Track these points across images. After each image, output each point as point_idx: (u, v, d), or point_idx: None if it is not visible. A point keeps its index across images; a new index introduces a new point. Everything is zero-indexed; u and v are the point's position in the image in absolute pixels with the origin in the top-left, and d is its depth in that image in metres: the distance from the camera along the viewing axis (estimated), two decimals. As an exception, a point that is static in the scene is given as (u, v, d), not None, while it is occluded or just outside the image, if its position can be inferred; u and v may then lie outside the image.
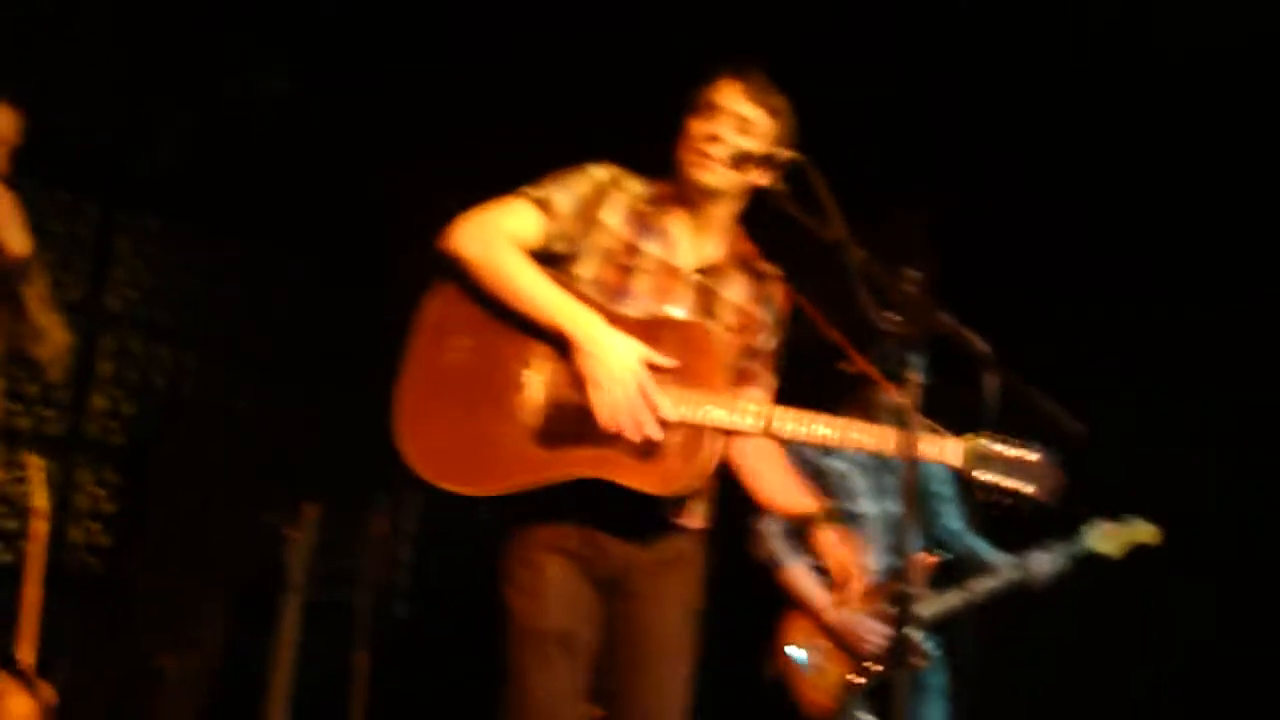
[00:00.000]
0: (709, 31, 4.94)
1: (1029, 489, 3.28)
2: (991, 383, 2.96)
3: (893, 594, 3.15)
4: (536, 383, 3.39)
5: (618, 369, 3.35)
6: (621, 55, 5.96)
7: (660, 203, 3.64)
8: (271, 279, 6.82)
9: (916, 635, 5.09)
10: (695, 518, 3.61)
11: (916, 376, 3.00)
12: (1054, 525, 5.19)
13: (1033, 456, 3.29)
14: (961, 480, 4.09)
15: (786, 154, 3.43)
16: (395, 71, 6.60)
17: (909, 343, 3.01)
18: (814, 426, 3.40)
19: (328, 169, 6.75)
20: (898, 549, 5.24)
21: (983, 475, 3.31)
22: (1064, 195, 6.25)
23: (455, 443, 3.39)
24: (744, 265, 3.69)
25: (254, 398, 6.76)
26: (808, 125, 3.64)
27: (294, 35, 6.45)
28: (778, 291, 3.70)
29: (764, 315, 3.70)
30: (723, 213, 3.65)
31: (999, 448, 3.30)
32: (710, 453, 3.36)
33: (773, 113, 3.58)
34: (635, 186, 3.65)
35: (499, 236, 3.49)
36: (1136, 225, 6.15)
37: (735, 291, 3.65)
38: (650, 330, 3.44)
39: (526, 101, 6.47)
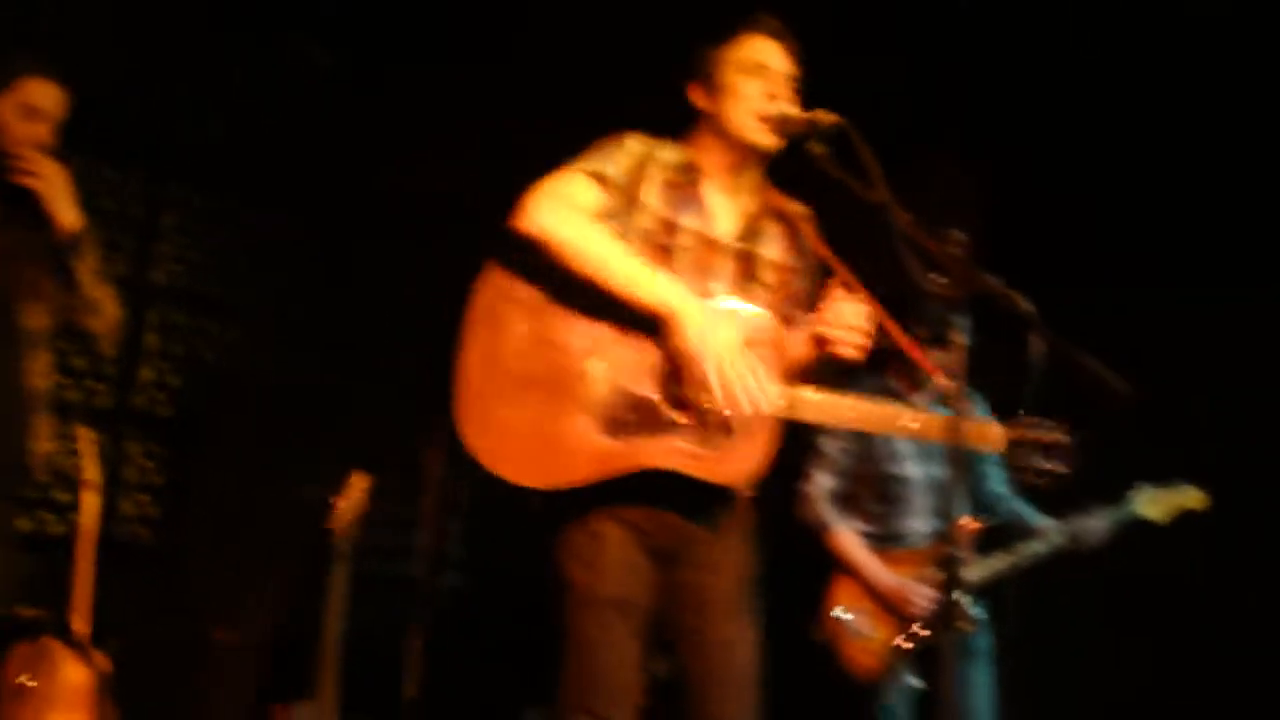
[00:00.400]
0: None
1: (1062, 469, 3.36)
2: (1037, 344, 2.95)
3: (939, 558, 3.14)
4: (600, 372, 3.38)
5: (725, 346, 3.34)
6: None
7: (691, 171, 3.63)
8: (317, 252, 6.84)
9: (962, 600, 5.10)
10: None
11: (961, 338, 2.99)
12: (1101, 490, 5.18)
13: (1064, 439, 3.36)
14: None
15: (829, 118, 3.42)
16: (440, 50, 6.61)
17: (954, 304, 3.01)
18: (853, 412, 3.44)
19: (372, 142, 6.77)
20: (943, 513, 5.24)
21: (1019, 460, 3.37)
22: (1116, 156, 6.20)
23: (521, 436, 3.36)
24: (776, 215, 3.69)
25: (301, 370, 6.79)
26: (856, 83, 3.64)
27: (339, 9, 6.47)
28: (809, 231, 3.69)
29: (800, 261, 3.71)
30: (758, 170, 3.66)
31: (1033, 432, 3.37)
32: (771, 440, 3.37)
33: (798, 61, 3.62)
34: (666, 155, 3.63)
35: (577, 212, 3.46)
36: (1190, 185, 6.09)
37: (773, 248, 3.66)
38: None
39: (565, 78, 6.47)
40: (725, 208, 3.65)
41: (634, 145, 3.61)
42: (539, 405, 3.37)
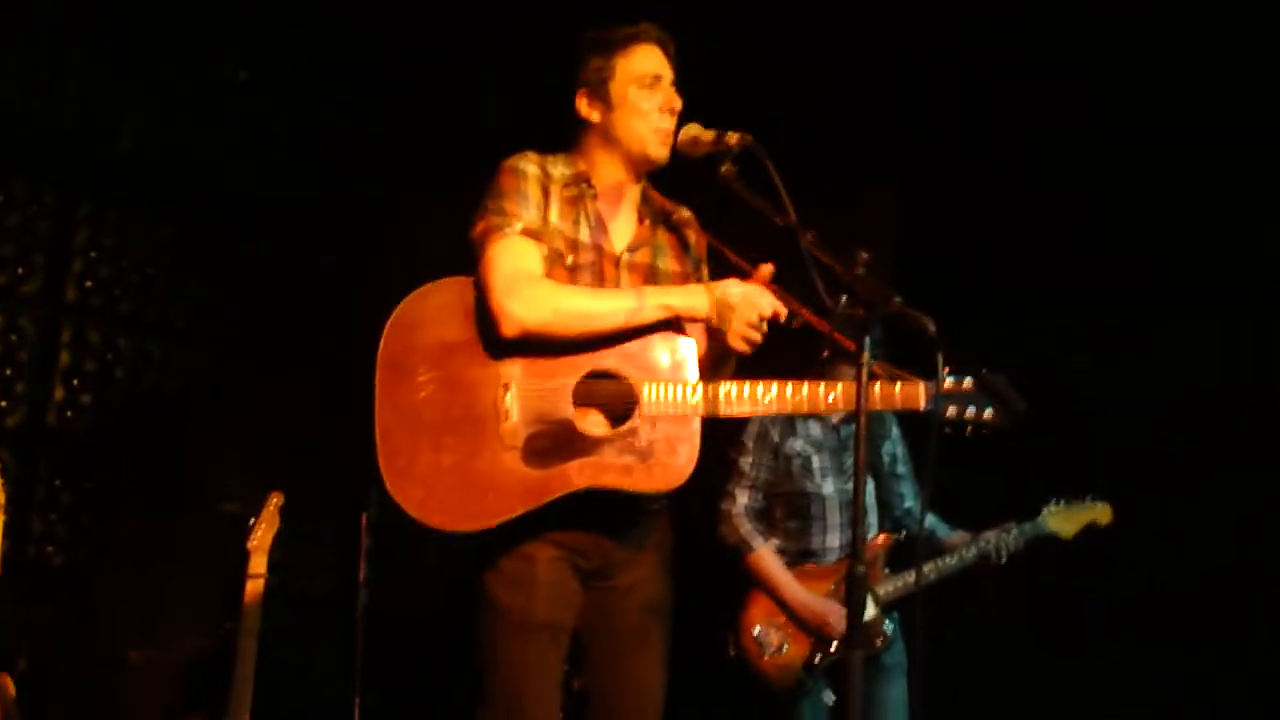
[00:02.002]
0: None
1: (988, 414, 3.38)
2: (941, 362, 2.98)
3: (847, 576, 3.16)
4: (513, 405, 3.37)
5: (735, 295, 3.44)
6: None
7: (583, 184, 3.63)
8: (233, 267, 6.78)
9: (876, 615, 5.14)
10: (662, 500, 3.65)
11: (868, 357, 3.02)
12: (1011, 505, 5.24)
13: (987, 384, 3.38)
14: (918, 461, 4.14)
15: (737, 137, 3.43)
16: (352, 60, 6.59)
17: (860, 324, 3.04)
18: (767, 395, 3.45)
19: (290, 157, 6.74)
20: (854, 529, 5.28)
21: (945, 411, 3.39)
22: (1028, 176, 6.28)
23: (447, 483, 3.37)
24: (663, 220, 3.71)
25: (216, 387, 6.73)
26: (774, 104, 3.66)
27: (253, 24, 6.43)
28: (692, 232, 3.74)
29: (688, 265, 3.75)
30: (642, 183, 3.70)
31: (950, 382, 3.42)
32: (694, 440, 3.40)
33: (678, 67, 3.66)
34: (557, 171, 3.63)
35: (548, 291, 3.46)
36: (1098, 208, 6.17)
37: (666, 257, 3.70)
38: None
39: (485, 87, 6.47)
40: (619, 220, 3.67)
41: (531, 168, 3.60)
42: (459, 449, 3.38)
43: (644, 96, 3.58)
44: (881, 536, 5.26)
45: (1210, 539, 5.76)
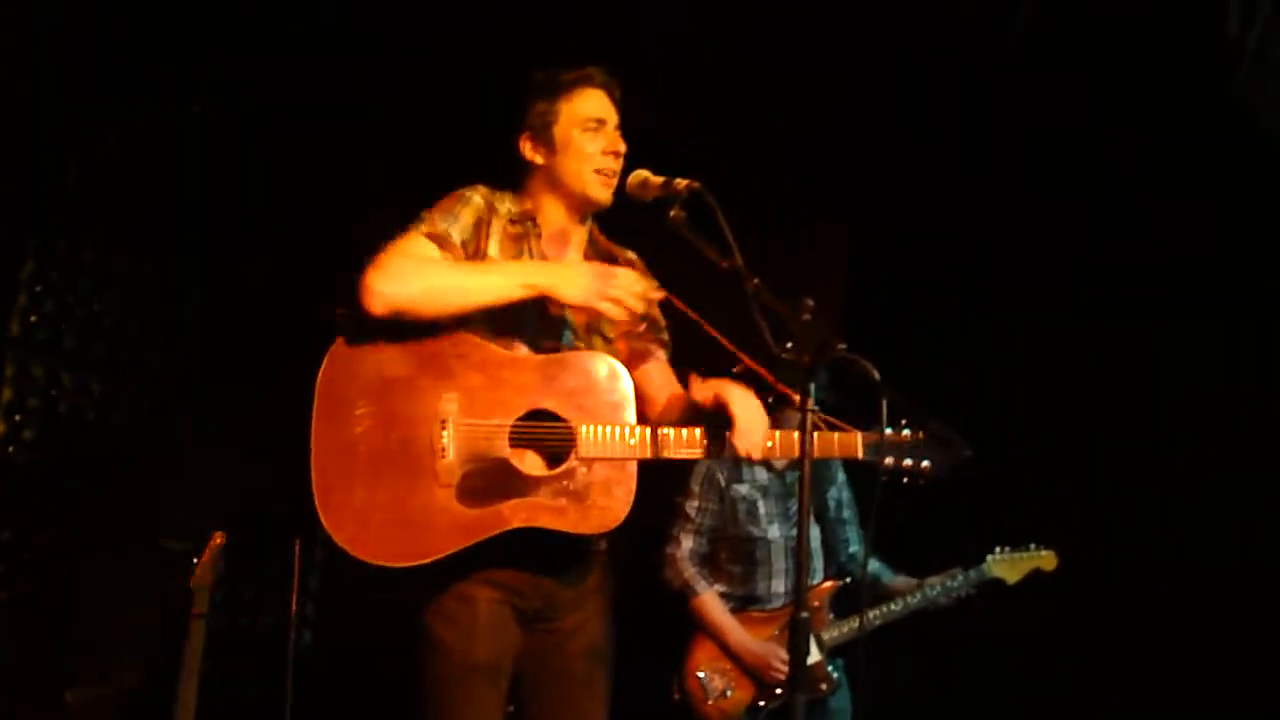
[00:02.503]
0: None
1: (924, 464, 3.42)
2: (885, 408, 3.00)
3: (790, 621, 3.17)
4: (450, 442, 3.36)
5: (593, 277, 3.44)
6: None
7: (525, 221, 3.65)
8: (179, 303, 6.74)
9: (821, 661, 5.15)
10: (601, 540, 3.64)
11: (812, 403, 3.03)
12: (955, 551, 5.26)
13: (921, 435, 3.45)
14: (861, 506, 4.15)
15: (684, 182, 3.45)
16: (310, 95, 6.59)
17: (805, 370, 3.05)
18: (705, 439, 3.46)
19: (242, 193, 6.72)
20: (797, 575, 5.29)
21: (884, 461, 3.42)
22: (980, 213, 6.32)
23: (381, 519, 3.34)
24: (609, 263, 3.69)
25: (160, 423, 6.69)
26: (729, 143, 3.68)
27: (209, 58, 6.42)
28: (638, 274, 3.68)
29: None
30: (590, 220, 3.71)
31: (890, 432, 3.43)
32: (630, 483, 3.40)
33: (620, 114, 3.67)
34: (503, 207, 3.64)
35: (415, 264, 3.46)
36: (1053, 246, 6.21)
37: None
38: (548, 369, 3.45)
39: (442, 114, 6.48)
40: (564, 261, 3.66)
41: (477, 198, 3.61)
42: (394, 485, 3.36)
43: (587, 140, 3.60)
44: (827, 582, 5.27)
45: (1152, 597, 5.78)
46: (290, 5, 6.20)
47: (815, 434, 3.34)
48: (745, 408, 3.40)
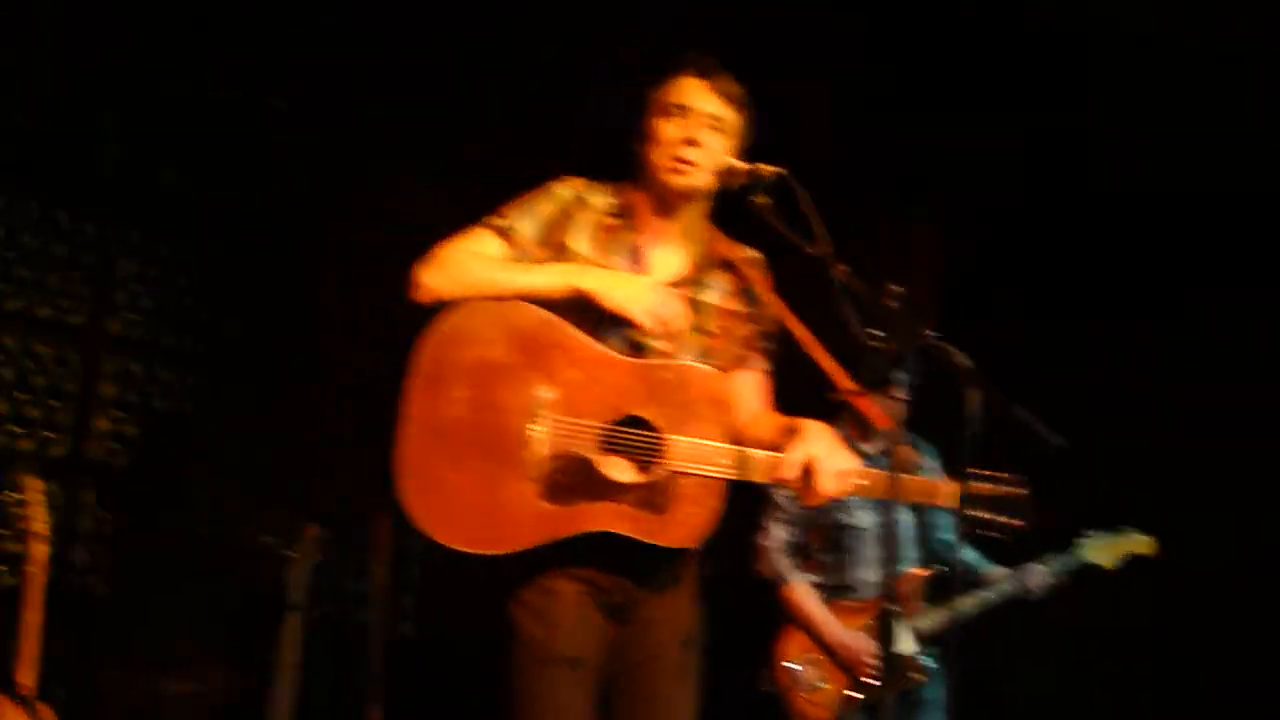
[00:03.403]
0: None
1: (1016, 522, 3.30)
2: (974, 397, 2.96)
3: (881, 611, 3.14)
4: (541, 436, 3.33)
5: (638, 290, 3.41)
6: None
7: (627, 215, 3.61)
8: (277, 301, 6.83)
9: (914, 650, 5.10)
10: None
11: (900, 392, 3.01)
12: (1051, 537, 5.20)
13: (1019, 490, 3.31)
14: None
15: (770, 169, 3.43)
16: (397, 91, 6.64)
17: (892, 358, 3.02)
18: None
19: (332, 189, 6.79)
20: (892, 562, 5.26)
21: (972, 512, 3.31)
22: (1073, 199, 6.23)
23: (463, 503, 3.32)
24: (720, 262, 3.66)
25: (257, 418, 6.78)
26: (814, 130, 3.63)
27: (292, 53, 6.48)
28: (758, 277, 3.64)
29: (747, 306, 3.66)
30: (694, 215, 3.63)
31: (987, 485, 3.31)
32: (716, 501, 3.34)
33: (736, 105, 3.57)
34: (599, 200, 3.61)
35: (463, 257, 3.48)
36: (1146, 229, 6.12)
37: (714, 294, 3.61)
38: (648, 375, 3.41)
39: (509, 113, 6.51)
40: (663, 253, 3.62)
41: (562, 191, 3.60)
42: (479, 471, 3.33)
43: (665, 127, 3.55)
44: (919, 570, 5.23)
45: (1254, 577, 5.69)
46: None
47: (908, 480, 3.37)
48: (823, 452, 3.31)
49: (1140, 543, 5.29)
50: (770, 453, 3.35)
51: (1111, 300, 6.13)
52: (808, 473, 3.28)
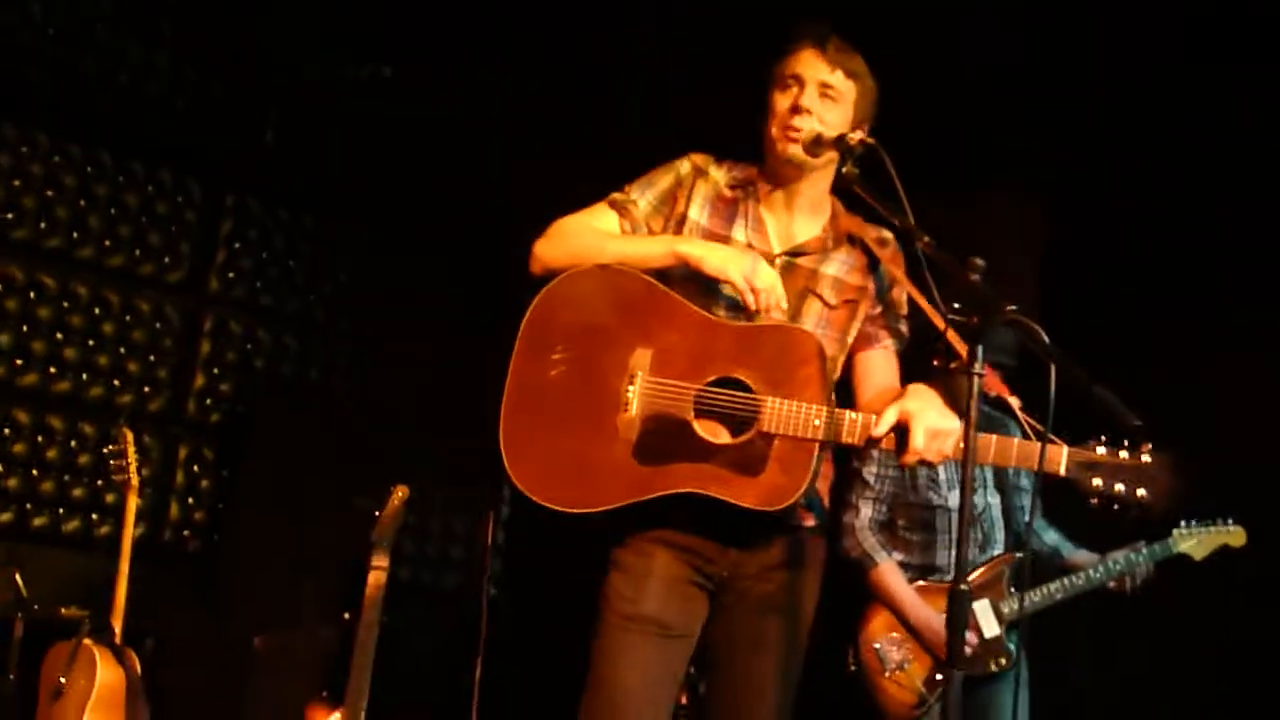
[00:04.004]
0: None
1: (1140, 493, 3.15)
2: (1056, 373, 2.90)
3: (957, 593, 3.07)
4: (637, 399, 3.36)
5: (735, 258, 3.40)
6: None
7: (748, 185, 3.61)
8: (371, 262, 6.89)
9: (1000, 634, 5.05)
10: (807, 517, 3.57)
11: (980, 367, 2.95)
12: (1137, 524, 5.09)
13: (1145, 459, 3.14)
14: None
15: (857, 137, 3.40)
16: (496, 53, 6.64)
17: (974, 333, 2.97)
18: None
19: (430, 154, 6.81)
20: (982, 543, 5.20)
21: (1090, 481, 3.18)
22: (1184, 183, 6.10)
23: (557, 461, 3.38)
24: (845, 236, 3.62)
25: (351, 379, 6.85)
26: (920, 104, 3.59)
27: (396, 22, 6.52)
28: (887, 254, 3.59)
29: (871, 282, 3.62)
30: (816, 187, 3.60)
31: (1103, 451, 3.16)
32: (809, 464, 3.30)
33: (853, 76, 3.52)
34: (720, 174, 3.63)
35: (574, 228, 3.56)
36: (1255, 219, 5.98)
37: (835, 265, 3.59)
38: (746, 337, 3.41)
39: (625, 89, 6.47)
40: (784, 225, 3.61)
41: (684, 166, 3.63)
42: (576, 431, 3.38)
43: (778, 98, 3.55)
44: (1005, 554, 5.16)
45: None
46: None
47: (1016, 442, 3.25)
48: (926, 416, 3.24)
49: (1231, 534, 5.19)
50: (865, 414, 3.32)
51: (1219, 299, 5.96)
52: (902, 430, 3.23)
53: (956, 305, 3.02)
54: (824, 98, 3.48)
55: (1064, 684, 5.37)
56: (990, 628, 5.05)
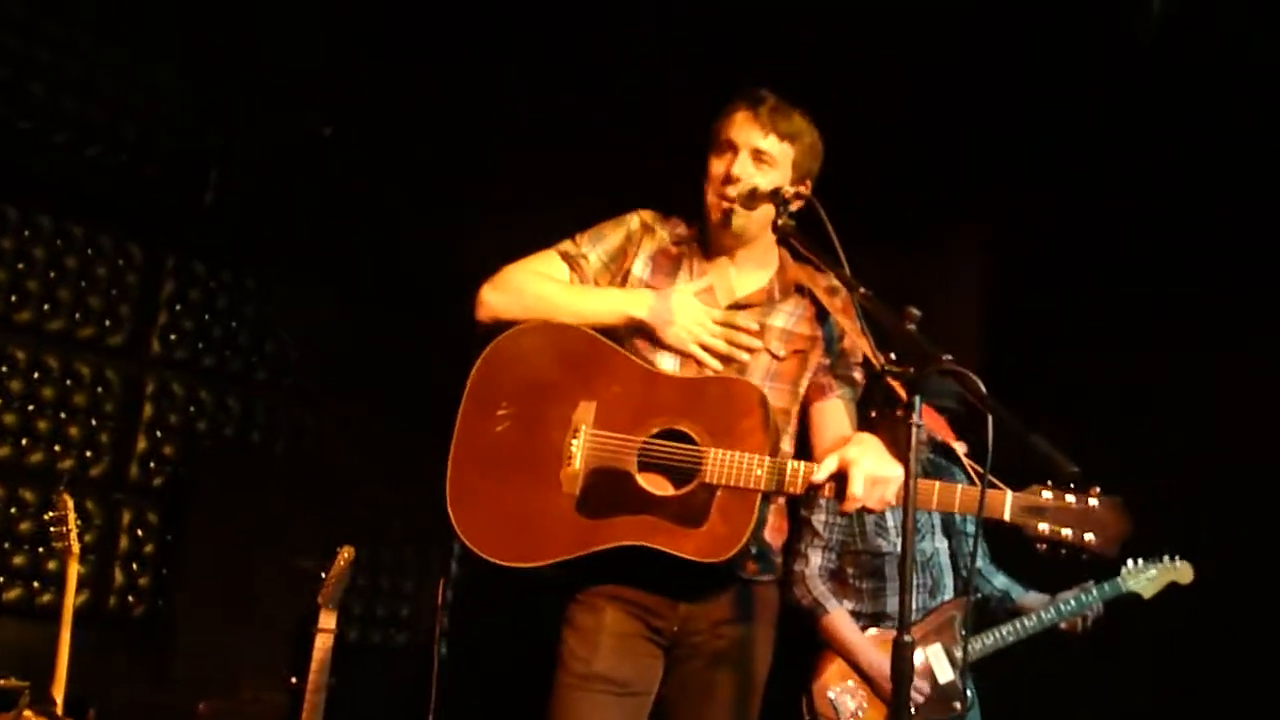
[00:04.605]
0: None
1: (1089, 538, 3.13)
2: (992, 421, 2.89)
3: (900, 644, 3.04)
4: (580, 452, 3.37)
5: (689, 318, 3.48)
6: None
7: (694, 242, 3.64)
8: (314, 322, 6.86)
9: (954, 679, 5.04)
10: (754, 569, 3.56)
11: (915, 417, 2.95)
12: (1086, 565, 5.11)
13: (1092, 502, 3.13)
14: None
15: (791, 191, 3.41)
16: (437, 109, 6.63)
17: (909, 381, 2.97)
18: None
19: (372, 212, 6.80)
20: (931, 588, 5.21)
21: (1037, 526, 3.16)
22: (1123, 199, 6.13)
23: (501, 515, 3.39)
24: (793, 287, 3.64)
25: (296, 440, 6.79)
26: (859, 136, 3.61)
27: (336, 79, 6.50)
28: (838, 303, 3.59)
29: (820, 331, 3.64)
30: (760, 241, 3.61)
31: (1049, 495, 3.15)
32: (750, 514, 3.29)
33: (788, 138, 3.54)
34: (666, 230, 3.65)
35: (525, 277, 3.57)
36: (1194, 231, 6.01)
37: (782, 317, 3.61)
38: (690, 389, 3.42)
39: (570, 145, 6.47)
40: (727, 277, 3.63)
41: (634, 221, 3.66)
42: (520, 485, 3.40)
43: (713, 162, 3.58)
44: (956, 599, 5.17)
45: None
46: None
47: (959, 488, 3.26)
48: (865, 463, 3.24)
49: (1179, 571, 5.21)
50: (807, 462, 3.31)
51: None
52: (842, 478, 3.23)
53: (893, 355, 3.02)
54: (758, 163, 3.52)
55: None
56: (944, 673, 5.06)
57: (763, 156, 3.52)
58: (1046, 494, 3.15)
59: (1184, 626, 5.44)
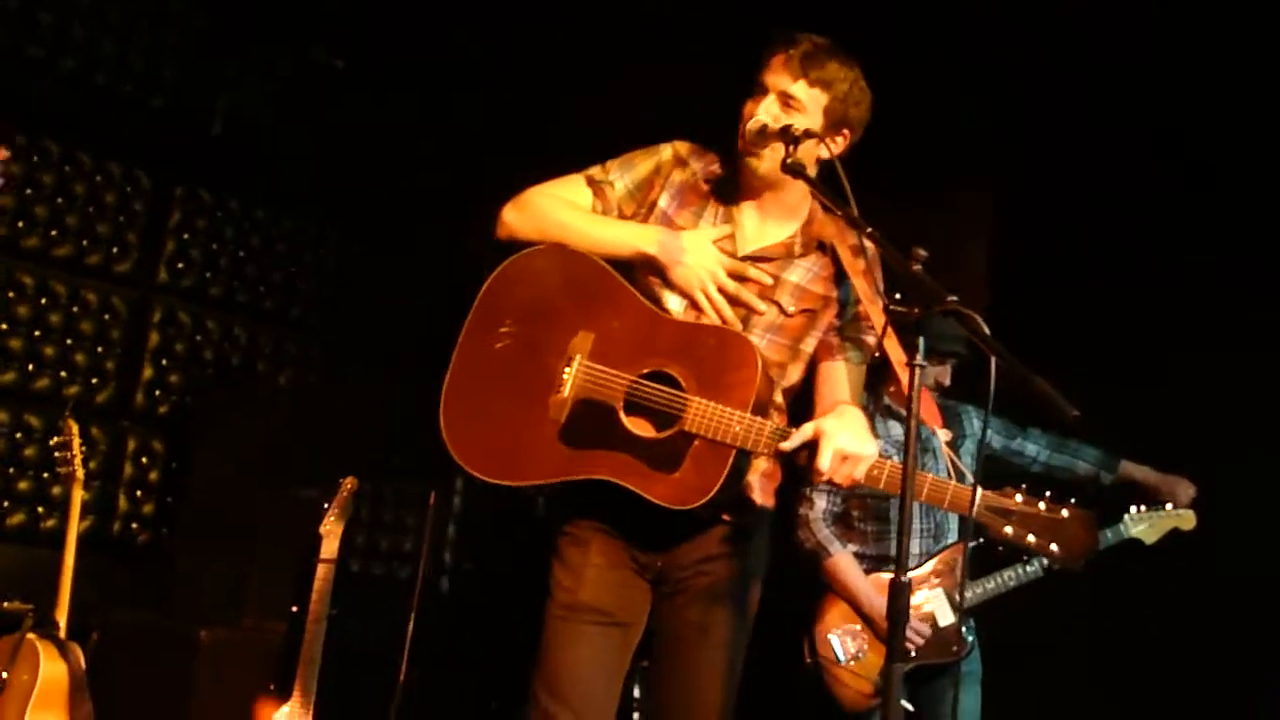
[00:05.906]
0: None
1: (1053, 547, 3.11)
2: (994, 363, 2.87)
3: (897, 585, 3.03)
4: (572, 381, 3.37)
5: (702, 268, 3.43)
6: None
7: (721, 183, 3.60)
8: (322, 253, 6.85)
9: (954, 623, 5.04)
10: (732, 519, 3.54)
11: (919, 359, 2.93)
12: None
13: (1064, 514, 3.11)
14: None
15: (801, 128, 3.37)
16: (448, 47, 6.60)
17: (913, 322, 2.95)
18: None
19: (384, 146, 6.77)
20: (935, 533, 5.20)
21: (1002, 529, 3.15)
22: (1130, 172, 6.09)
23: (489, 431, 3.42)
24: (817, 244, 3.59)
25: (301, 371, 6.80)
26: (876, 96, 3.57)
27: (347, 12, 6.47)
28: (860, 265, 3.49)
29: (836, 291, 3.58)
30: (792, 193, 3.57)
31: (1021, 500, 3.13)
32: (723, 468, 3.27)
33: (820, 84, 3.47)
34: (700, 165, 3.61)
35: (545, 200, 3.56)
36: (1203, 205, 5.97)
37: (799, 273, 3.55)
38: (688, 335, 3.40)
39: (586, 73, 6.43)
40: (754, 226, 3.58)
41: (666, 152, 3.63)
42: (510, 404, 3.41)
43: (748, 105, 3.54)
44: (958, 543, 5.16)
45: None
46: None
47: (930, 478, 3.27)
48: (838, 438, 3.19)
49: (1181, 518, 5.20)
50: (783, 427, 3.29)
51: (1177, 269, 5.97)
52: (811, 449, 3.20)
53: (898, 296, 2.99)
54: (785, 107, 3.47)
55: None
56: (945, 616, 5.06)
57: (791, 101, 3.46)
58: (1019, 497, 3.14)
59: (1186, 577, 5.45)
